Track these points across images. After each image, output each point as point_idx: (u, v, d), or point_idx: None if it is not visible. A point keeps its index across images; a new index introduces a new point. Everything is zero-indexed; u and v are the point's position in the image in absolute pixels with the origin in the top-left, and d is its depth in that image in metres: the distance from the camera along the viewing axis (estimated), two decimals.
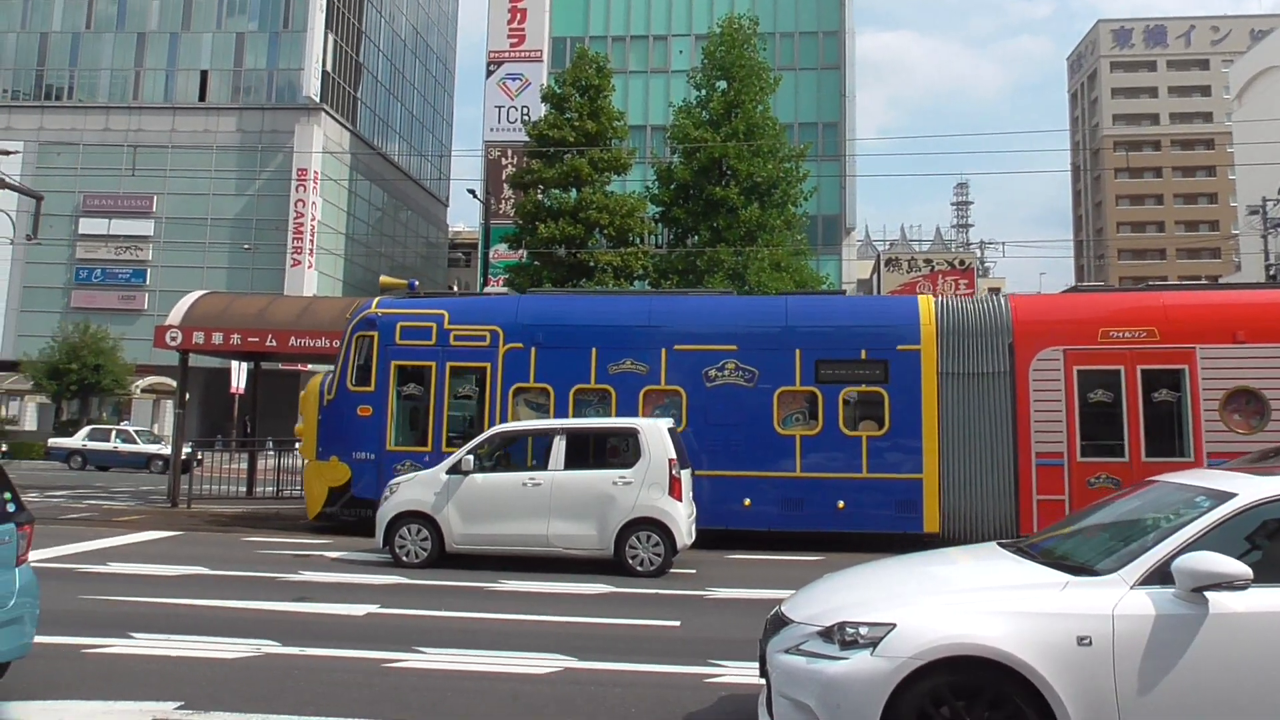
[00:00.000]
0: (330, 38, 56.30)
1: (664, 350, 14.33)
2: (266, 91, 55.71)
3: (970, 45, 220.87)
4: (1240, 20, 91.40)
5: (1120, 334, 13.55)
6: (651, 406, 14.23)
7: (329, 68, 55.98)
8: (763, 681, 4.95)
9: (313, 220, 52.68)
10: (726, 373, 14.17)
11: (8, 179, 21.59)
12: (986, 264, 74.27)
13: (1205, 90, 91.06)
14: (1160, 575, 4.28)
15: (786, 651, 4.62)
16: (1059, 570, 4.60)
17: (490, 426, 14.38)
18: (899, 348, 13.90)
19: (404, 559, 11.50)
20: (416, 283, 17.63)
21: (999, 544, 5.52)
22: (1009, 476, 13.52)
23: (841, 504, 13.56)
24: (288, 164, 53.28)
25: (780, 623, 4.86)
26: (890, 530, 13.50)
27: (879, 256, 54.55)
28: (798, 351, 14.06)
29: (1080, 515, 5.68)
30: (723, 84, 30.91)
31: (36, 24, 57.40)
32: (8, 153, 38.11)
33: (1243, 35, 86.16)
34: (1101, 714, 4.11)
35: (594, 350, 14.46)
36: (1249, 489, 4.56)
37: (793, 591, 5.51)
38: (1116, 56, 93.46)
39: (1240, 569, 4.11)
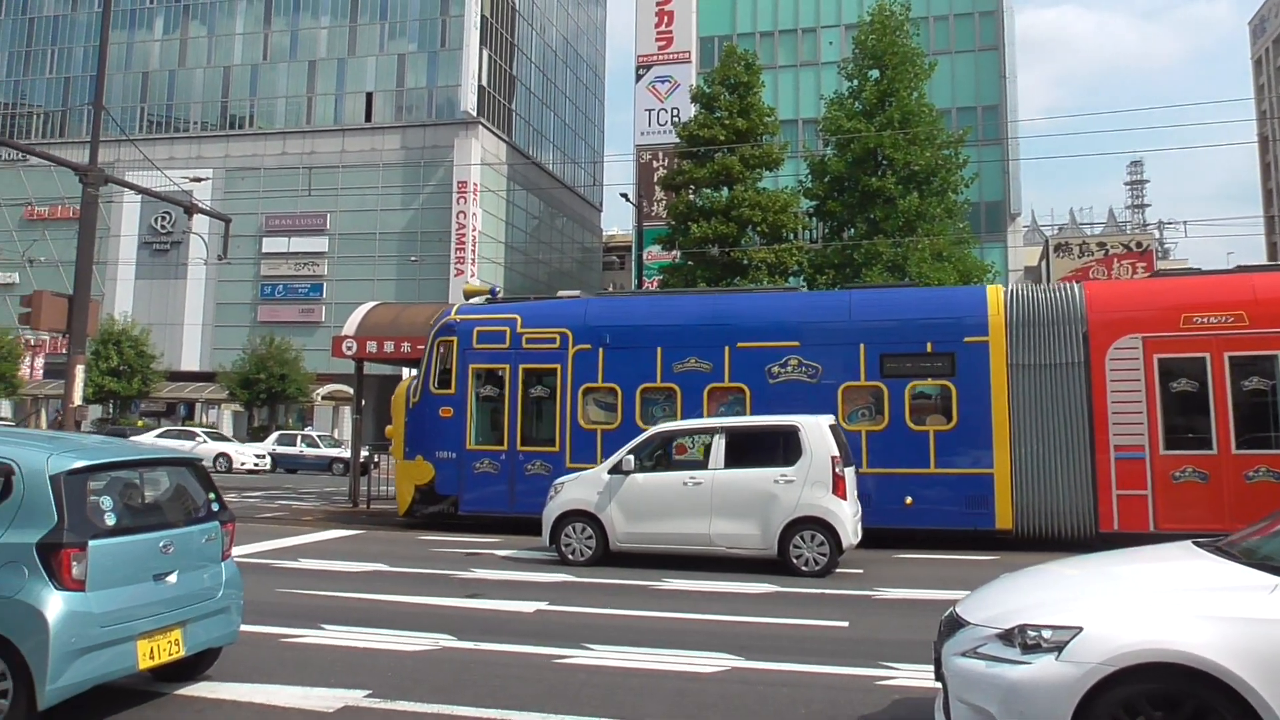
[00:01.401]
0: (485, 53, 58.19)
1: (727, 348, 14.37)
2: (427, 109, 58.11)
3: (1140, 16, 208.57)
4: None
5: (1205, 319, 12.75)
6: (716, 404, 14.33)
7: (484, 82, 57.87)
8: (938, 685, 4.81)
9: (474, 231, 54.58)
10: (789, 369, 14.08)
11: (200, 204, 23.23)
12: (1166, 245, 69.68)
13: None
14: None
15: (964, 655, 4.46)
16: (1266, 572, 4.27)
17: (561, 426, 14.96)
18: (966, 340, 13.55)
19: (569, 557, 11.75)
20: (498, 289, 18.21)
21: (1194, 543, 5.18)
22: (1086, 471, 12.96)
23: (909, 500, 13.26)
24: (448, 178, 55.42)
25: (955, 624, 4.70)
26: (961, 527, 13.23)
27: (1047, 242, 52.10)
28: (861, 346, 13.87)
29: None
30: (875, 73, 30.19)
31: (220, 59, 61.75)
32: (199, 180, 41.14)
33: None
34: None
35: (659, 349, 14.66)
36: None
37: (966, 592, 5.33)
38: None
39: None
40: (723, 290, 21.17)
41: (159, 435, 35.22)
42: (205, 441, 33.84)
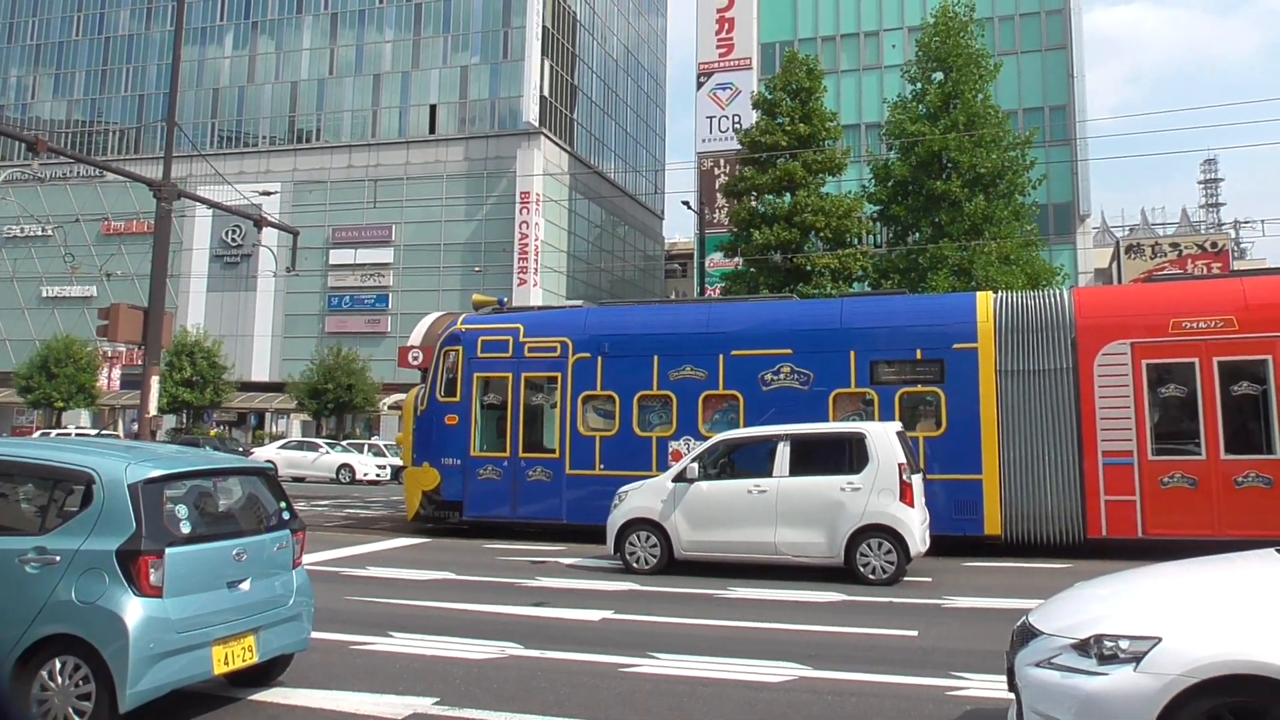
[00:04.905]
0: (546, 64, 58.69)
1: (721, 356, 14.55)
2: (490, 120, 58.78)
3: (1214, 11, 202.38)
4: None
5: (1194, 324, 12.66)
6: (710, 411, 14.52)
7: (546, 93, 58.35)
8: (1011, 696, 4.71)
9: (536, 240, 55.02)
10: (782, 376, 14.20)
11: (269, 218, 23.76)
12: (1242, 244, 67.39)
13: None
14: None
15: (1038, 665, 4.35)
16: None
17: (561, 433, 15.22)
18: (955, 346, 13.59)
19: (634, 565, 11.74)
20: (505, 299, 18.54)
21: (1278, 550, 5.00)
22: (1074, 476, 12.86)
23: None
24: (511, 188, 55.96)
25: (1029, 634, 4.59)
26: (950, 532, 13.07)
27: (1118, 243, 50.88)
28: (852, 353, 13.97)
29: None
30: (939, 75, 29.80)
31: (288, 74, 63.17)
32: (268, 193, 42.14)
33: None
34: None
35: (655, 358, 14.90)
36: None
37: (1038, 601, 5.21)
38: None
39: None
40: (719, 299, 21.37)
41: (281, 447, 35.44)
42: (329, 453, 33.93)
